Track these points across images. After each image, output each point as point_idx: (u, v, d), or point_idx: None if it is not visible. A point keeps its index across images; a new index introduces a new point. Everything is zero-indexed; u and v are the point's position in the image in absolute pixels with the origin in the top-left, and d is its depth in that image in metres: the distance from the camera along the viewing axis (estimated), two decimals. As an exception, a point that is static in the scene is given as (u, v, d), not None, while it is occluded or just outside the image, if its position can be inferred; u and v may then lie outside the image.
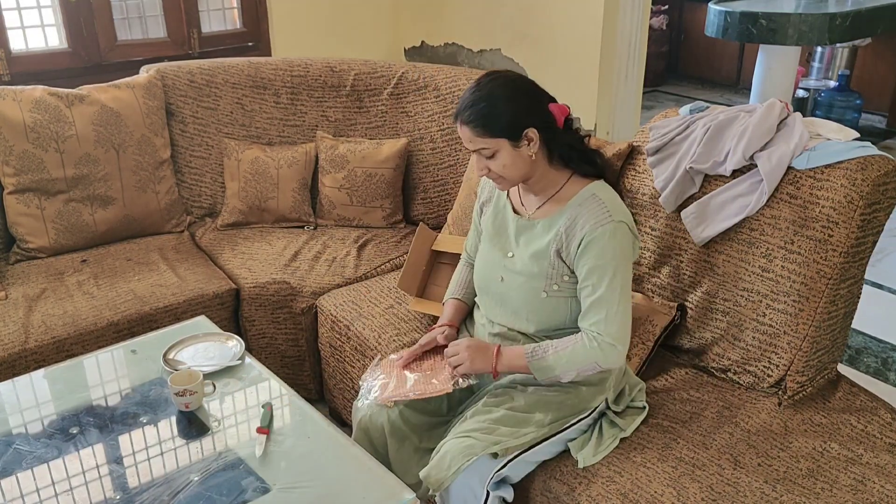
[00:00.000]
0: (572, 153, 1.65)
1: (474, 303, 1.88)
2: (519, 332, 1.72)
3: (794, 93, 4.90)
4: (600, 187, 1.65)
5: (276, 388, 1.82)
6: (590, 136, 1.73)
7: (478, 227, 1.89)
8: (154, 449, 1.62)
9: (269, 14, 3.64)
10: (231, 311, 2.43)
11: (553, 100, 1.64)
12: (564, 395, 1.66)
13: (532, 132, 1.57)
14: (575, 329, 1.65)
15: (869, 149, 1.74)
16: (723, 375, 1.92)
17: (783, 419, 1.74)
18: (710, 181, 1.93)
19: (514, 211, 1.74)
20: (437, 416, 1.78)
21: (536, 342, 1.67)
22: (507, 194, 1.77)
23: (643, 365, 1.93)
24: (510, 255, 1.71)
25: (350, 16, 3.89)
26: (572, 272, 1.63)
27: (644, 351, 1.93)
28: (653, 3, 4.48)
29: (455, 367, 1.69)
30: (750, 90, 4.43)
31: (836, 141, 1.80)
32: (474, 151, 1.61)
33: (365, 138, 2.91)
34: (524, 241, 1.69)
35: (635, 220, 2.08)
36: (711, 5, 4.15)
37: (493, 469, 1.56)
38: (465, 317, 1.92)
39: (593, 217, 1.58)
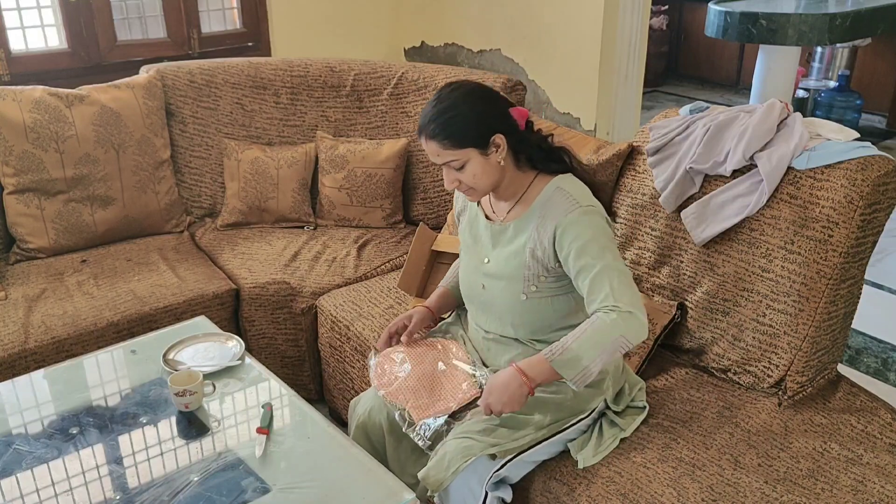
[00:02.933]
0: (538, 153, 1.64)
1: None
2: (509, 337, 1.72)
3: (794, 93, 4.90)
4: (564, 180, 1.64)
5: (276, 388, 1.82)
6: (552, 135, 1.71)
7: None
8: (154, 449, 1.62)
9: (269, 14, 3.64)
10: (231, 312, 2.43)
11: (512, 104, 1.63)
12: (563, 396, 1.66)
13: (499, 138, 1.56)
14: (564, 329, 1.64)
15: (869, 149, 1.74)
16: (723, 376, 1.91)
17: (783, 419, 1.74)
18: (710, 181, 1.93)
19: (487, 217, 1.73)
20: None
21: (527, 346, 1.67)
22: (479, 202, 1.76)
23: (643, 364, 1.93)
24: (486, 261, 1.70)
25: (350, 16, 3.89)
26: (549, 271, 1.61)
27: (644, 350, 1.93)
28: (653, 4, 4.48)
29: (495, 414, 1.58)
30: (750, 90, 4.42)
31: (836, 141, 1.80)
32: (443, 165, 1.59)
33: (365, 138, 2.91)
34: (498, 246, 1.68)
35: (635, 220, 2.09)
36: (711, 5, 4.15)
37: (491, 469, 1.56)
38: (450, 305, 1.91)
39: (560, 207, 1.58)
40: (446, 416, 1.66)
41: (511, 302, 1.66)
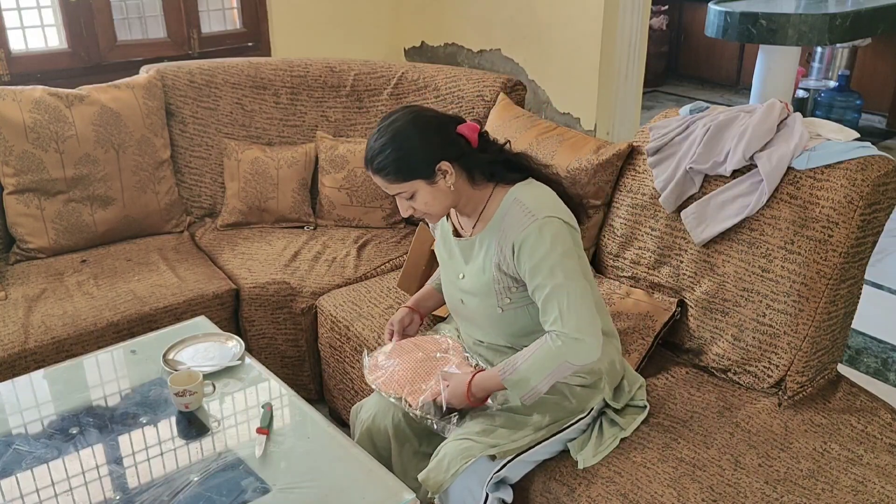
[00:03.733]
0: (494, 167, 1.62)
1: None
2: (499, 344, 1.72)
3: (794, 93, 4.90)
4: (520, 189, 1.61)
5: (275, 388, 1.82)
6: (508, 142, 1.68)
7: None
8: (154, 449, 1.62)
9: (269, 14, 3.64)
10: (231, 312, 2.43)
11: (461, 121, 1.61)
12: (561, 396, 1.66)
13: (445, 165, 1.54)
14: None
15: (869, 149, 1.74)
16: (723, 375, 1.91)
17: (783, 420, 1.74)
18: (710, 181, 1.93)
19: (456, 233, 1.73)
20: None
21: (518, 350, 1.66)
22: (447, 217, 1.75)
23: (643, 361, 1.93)
24: (461, 276, 1.70)
25: (350, 16, 3.89)
26: (517, 282, 1.60)
27: (643, 347, 1.93)
28: (653, 4, 4.48)
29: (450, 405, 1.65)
30: (750, 90, 4.43)
31: (836, 141, 1.80)
32: (394, 195, 1.59)
33: (365, 138, 2.91)
34: (469, 261, 1.68)
35: (635, 220, 2.09)
36: (711, 5, 4.15)
37: (491, 470, 1.56)
38: (437, 302, 1.93)
39: (517, 223, 1.55)
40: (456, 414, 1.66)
41: (489, 315, 1.67)
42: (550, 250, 1.52)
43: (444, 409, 1.64)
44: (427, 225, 2.06)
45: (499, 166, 1.62)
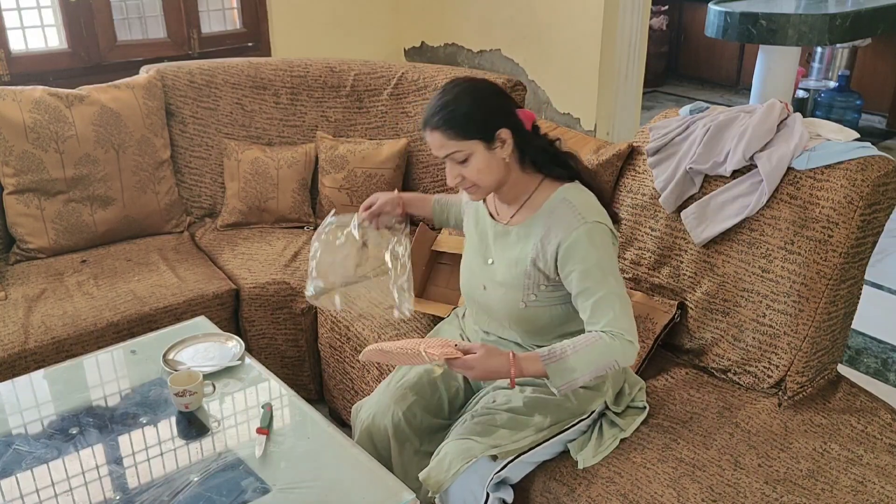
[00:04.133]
0: (544, 157, 1.62)
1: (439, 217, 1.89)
2: (508, 340, 1.72)
3: (794, 93, 4.90)
4: (570, 190, 1.61)
5: (275, 388, 1.82)
6: (559, 139, 1.69)
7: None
8: (154, 449, 1.62)
9: (269, 14, 3.64)
10: (231, 312, 2.43)
11: (520, 105, 1.62)
12: (563, 398, 1.66)
13: (505, 132, 1.54)
14: (561, 336, 1.63)
15: (869, 149, 1.74)
16: (723, 376, 1.91)
17: (783, 420, 1.74)
18: (710, 181, 1.93)
19: (492, 216, 1.72)
20: (440, 418, 1.77)
21: (525, 349, 1.66)
22: (484, 201, 1.74)
23: (643, 363, 1.93)
24: (490, 262, 1.69)
25: (350, 16, 3.89)
26: (549, 280, 1.60)
27: (644, 349, 1.93)
28: (653, 4, 4.48)
29: (465, 369, 1.51)
30: (750, 90, 4.43)
31: (836, 141, 1.80)
32: (446, 157, 1.56)
33: (365, 139, 2.91)
34: (501, 248, 1.67)
35: (635, 221, 2.09)
36: (711, 6, 4.15)
37: (492, 470, 1.56)
38: (423, 210, 1.89)
39: (565, 222, 1.55)
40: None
41: (509, 309, 1.66)
42: (602, 257, 1.53)
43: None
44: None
45: (548, 158, 1.63)
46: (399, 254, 1.72)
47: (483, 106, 1.54)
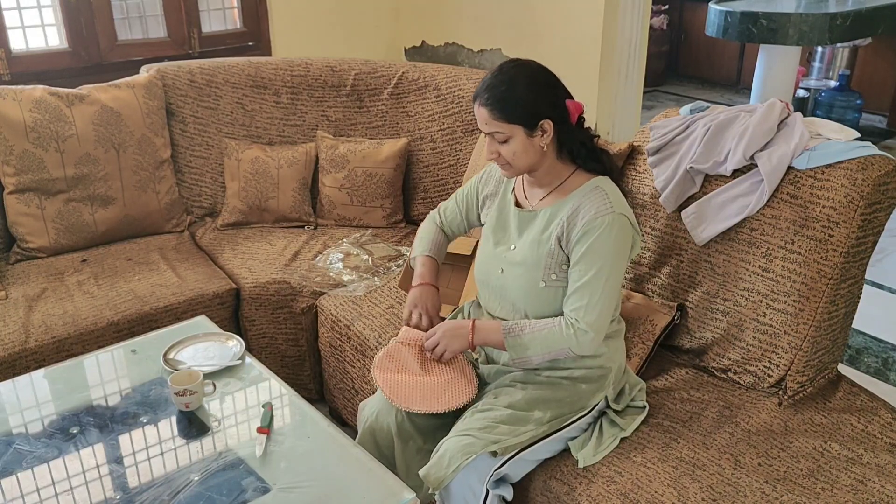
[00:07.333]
0: (581, 150, 1.67)
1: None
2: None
3: (795, 93, 4.90)
4: (604, 181, 1.66)
5: (276, 387, 1.82)
6: (599, 136, 1.73)
7: (464, 202, 1.89)
8: (154, 449, 1.62)
9: (269, 14, 3.63)
10: (231, 311, 2.43)
11: (570, 96, 1.65)
12: (564, 392, 1.66)
13: (547, 124, 1.59)
14: None
15: (869, 149, 1.74)
16: (723, 375, 1.91)
17: (783, 419, 1.74)
18: (711, 181, 1.93)
19: (517, 205, 1.74)
20: (442, 417, 1.77)
21: None
22: (513, 188, 1.77)
23: (643, 364, 1.93)
24: (513, 247, 1.71)
25: (350, 16, 3.89)
26: (570, 259, 1.63)
27: (644, 350, 1.93)
28: (653, 3, 4.48)
29: (436, 354, 1.72)
30: (750, 90, 4.43)
31: (836, 141, 1.80)
32: (488, 134, 1.62)
33: (365, 138, 2.91)
34: (525, 232, 1.70)
35: (636, 220, 2.09)
36: (712, 5, 4.15)
37: (492, 467, 1.56)
38: (437, 274, 1.92)
39: (595, 206, 1.59)
40: None
41: (528, 288, 1.67)
42: (609, 248, 1.58)
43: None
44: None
45: (585, 152, 1.67)
46: None
47: (533, 94, 1.58)
